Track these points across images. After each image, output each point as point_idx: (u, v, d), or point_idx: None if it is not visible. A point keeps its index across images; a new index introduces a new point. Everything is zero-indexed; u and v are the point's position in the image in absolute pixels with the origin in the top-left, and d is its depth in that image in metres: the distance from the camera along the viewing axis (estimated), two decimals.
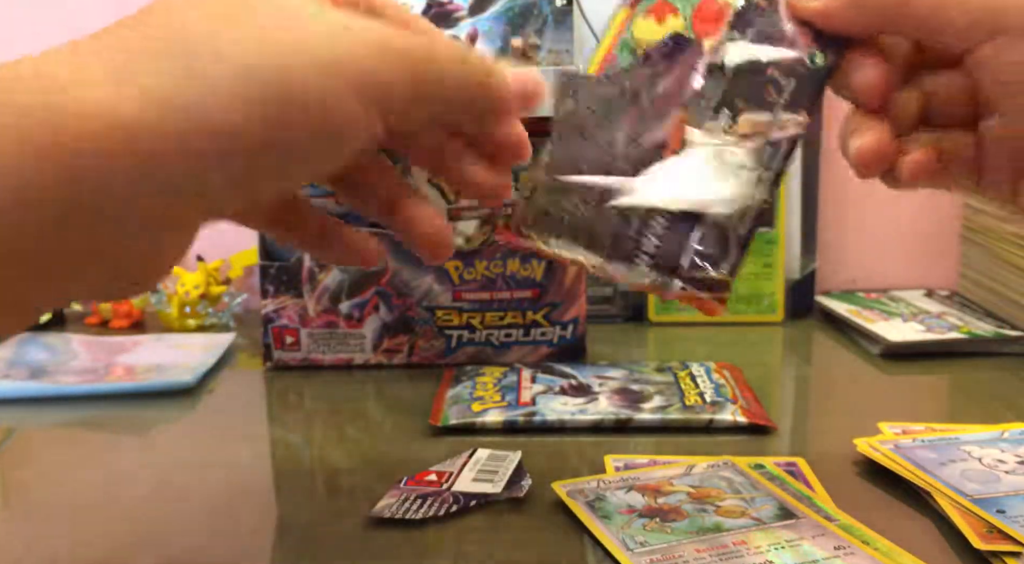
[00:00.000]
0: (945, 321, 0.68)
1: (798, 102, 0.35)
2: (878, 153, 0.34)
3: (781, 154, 0.35)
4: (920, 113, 0.35)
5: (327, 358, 0.62)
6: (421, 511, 0.40)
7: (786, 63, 0.35)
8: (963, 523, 0.38)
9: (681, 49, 0.36)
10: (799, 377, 0.65)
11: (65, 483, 0.46)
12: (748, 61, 0.36)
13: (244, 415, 0.56)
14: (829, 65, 0.35)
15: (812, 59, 0.35)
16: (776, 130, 0.35)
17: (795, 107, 0.35)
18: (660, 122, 0.36)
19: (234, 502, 0.43)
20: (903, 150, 0.34)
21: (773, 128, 0.35)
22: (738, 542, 0.37)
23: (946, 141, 0.35)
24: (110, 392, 0.57)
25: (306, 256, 0.60)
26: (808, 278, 0.75)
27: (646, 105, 0.36)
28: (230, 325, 0.73)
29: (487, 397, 0.53)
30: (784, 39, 0.35)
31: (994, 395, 0.56)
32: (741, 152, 0.35)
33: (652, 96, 0.36)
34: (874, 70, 0.34)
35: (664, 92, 0.36)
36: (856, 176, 0.35)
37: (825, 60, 0.35)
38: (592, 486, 0.42)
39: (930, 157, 0.34)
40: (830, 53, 0.35)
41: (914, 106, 0.35)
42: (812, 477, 0.43)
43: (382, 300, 0.61)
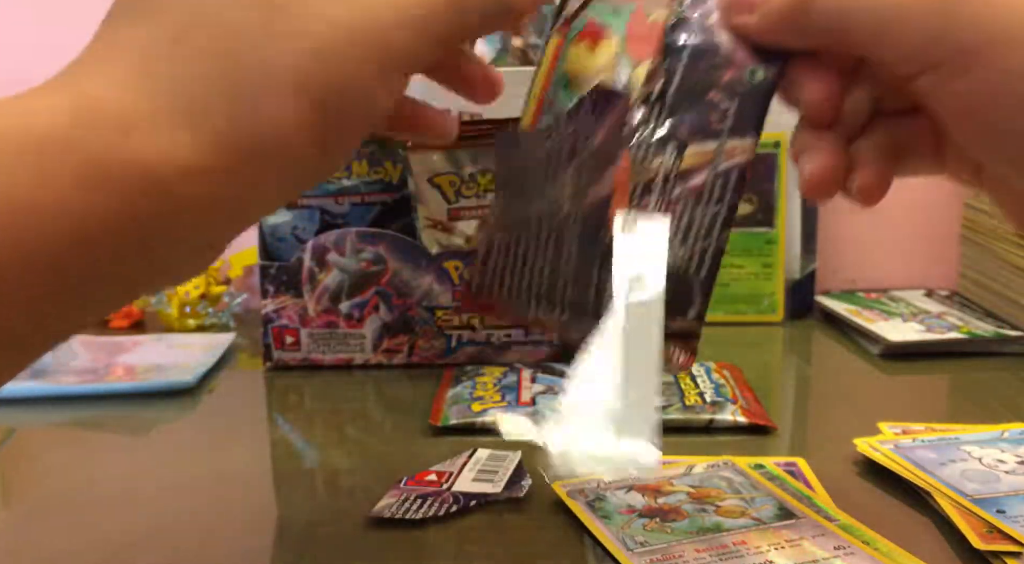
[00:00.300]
0: (945, 321, 0.68)
1: (744, 125, 0.33)
2: (829, 178, 0.32)
3: (732, 185, 0.33)
4: (872, 110, 0.33)
5: (327, 358, 0.62)
6: (421, 511, 0.40)
7: (725, 83, 0.33)
8: (963, 523, 0.38)
9: (607, 102, 0.34)
10: (799, 377, 0.65)
11: (65, 483, 0.46)
12: (687, 87, 0.33)
13: (244, 415, 0.56)
14: (771, 79, 0.32)
15: (752, 75, 0.33)
16: (724, 159, 0.33)
17: (741, 131, 0.33)
18: (602, 175, 0.34)
19: (234, 502, 0.43)
20: (856, 165, 0.33)
21: (720, 157, 0.33)
22: (738, 542, 0.37)
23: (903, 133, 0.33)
24: (110, 392, 0.57)
25: (306, 256, 0.60)
26: (808, 278, 0.75)
27: (585, 158, 0.34)
28: (230, 325, 0.73)
29: (487, 397, 0.53)
30: (720, 55, 0.33)
31: (994, 395, 0.56)
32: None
33: (589, 149, 0.34)
34: (820, 84, 0.32)
35: (600, 146, 0.34)
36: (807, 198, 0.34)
37: (766, 74, 0.32)
38: (592, 486, 0.42)
39: (881, 175, 0.32)
40: (771, 66, 0.32)
41: (865, 106, 0.33)
42: (812, 477, 0.43)
43: (382, 300, 0.61)
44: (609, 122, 0.34)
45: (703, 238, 0.33)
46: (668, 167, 0.33)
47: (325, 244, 0.60)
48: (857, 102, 0.33)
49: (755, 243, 0.73)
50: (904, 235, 0.81)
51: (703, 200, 0.33)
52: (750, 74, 0.33)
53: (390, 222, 0.62)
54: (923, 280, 0.80)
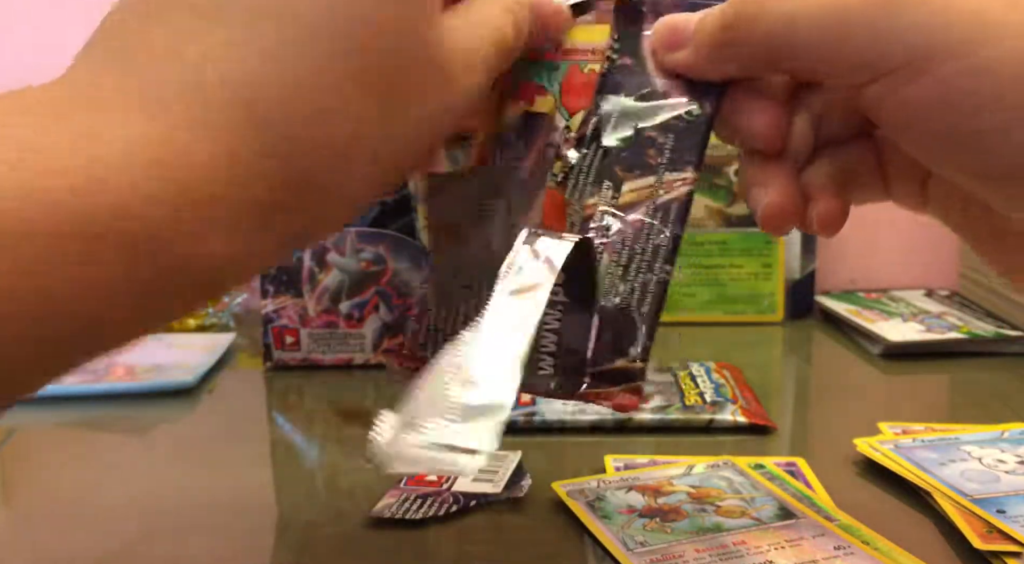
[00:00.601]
0: (945, 321, 0.68)
1: (682, 159, 0.32)
2: (786, 212, 0.32)
3: (673, 218, 0.32)
4: (815, 138, 0.33)
5: (327, 358, 0.62)
6: (421, 511, 0.40)
7: (661, 120, 0.33)
8: (963, 523, 0.38)
9: (533, 126, 0.34)
10: (799, 377, 0.65)
11: (65, 483, 0.46)
12: (622, 126, 0.33)
13: (244, 415, 0.56)
14: (709, 114, 0.32)
15: (689, 113, 0.32)
16: (664, 193, 0.32)
17: (679, 164, 0.32)
18: (532, 204, 0.33)
19: (234, 502, 0.43)
20: (811, 195, 0.32)
21: (659, 191, 0.32)
22: (738, 542, 0.37)
23: (848, 160, 0.33)
24: (110, 392, 0.57)
25: (306, 256, 0.60)
26: (808, 278, 0.75)
27: (514, 194, 0.33)
28: (230, 325, 0.73)
29: None
30: (656, 95, 0.33)
31: (994, 395, 0.56)
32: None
33: (516, 181, 0.34)
34: (764, 112, 0.32)
35: (529, 174, 0.34)
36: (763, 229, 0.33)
37: (703, 110, 0.32)
38: (592, 486, 0.42)
39: (839, 204, 0.32)
40: (707, 102, 0.32)
41: (809, 134, 0.33)
42: (812, 477, 0.43)
43: (382, 300, 0.61)
44: (536, 147, 0.34)
45: (645, 271, 0.32)
46: (607, 203, 0.33)
47: (325, 244, 0.60)
48: (800, 129, 0.33)
49: (755, 243, 0.73)
50: (904, 235, 0.81)
51: (643, 233, 0.32)
52: (687, 111, 0.32)
53: (390, 222, 0.62)
54: (923, 280, 0.80)
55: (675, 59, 0.32)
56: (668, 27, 0.33)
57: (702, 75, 0.32)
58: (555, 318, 0.32)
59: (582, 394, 0.32)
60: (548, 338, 0.32)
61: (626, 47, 0.34)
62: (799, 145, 0.33)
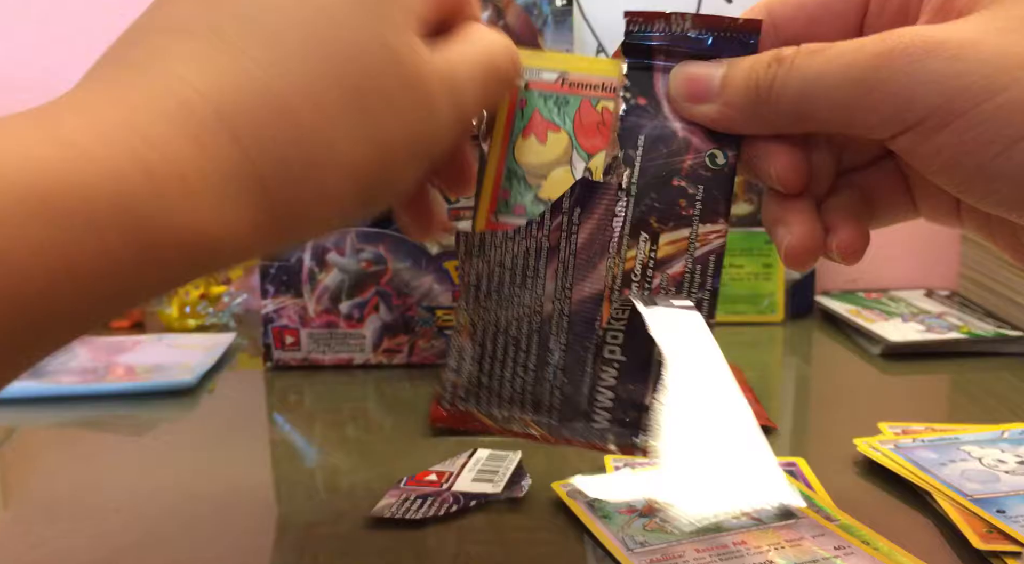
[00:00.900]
0: (945, 321, 0.68)
1: (714, 210, 0.33)
2: (809, 250, 0.32)
3: (711, 271, 0.33)
4: (836, 169, 0.34)
5: (327, 358, 0.62)
6: (421, 511, 0.40)
7: (688, 169, 0.33)
8: (963, 523, 0.38)
9: (592, 195, 0.33)
10: (799, 377, 0.65)
11: (65, 483, 0.46)
12: (649, 176, 0.33)
13: (244, 415, 0.56)
14: (732, 162, 0.32)
15: (713, 160, 0.32)
16: (699, 246, 0.33)
17: (712, 216, 0.33)
18: (592, 271, 0.33)
19: (234, 502, 0.43)
20: (831, 227, 0.32)
21: (695, 244, 0.33)
22: (738, 542, 0.37)
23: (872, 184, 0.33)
24: (110, 392, 0.57)
25: (306, 256, 0.60)
26: (808, 278, 0.75)
27: (567, 257, 0.33)
28: (230, 325, 0.73)
29: None
30: (677, 140, 0.33)
31: (994, 395, 0.56)
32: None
33: (573, 247, 0.33)
34: (785, 156, 0.32)
35: (587, 240, 0.33)
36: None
37: (726, 158, 0.32)
38: None
39: (858, 233, 0.32)
40: (729, 149, 0.32)
41: (830, 168, 0.33)
42: (812, 477, 0.43)
43: (382, 300, 0.61)
44: (596, 215, 0.33)
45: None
46: (644, 257, 0.33)
47: (325, 244, 0.60)
48: (821, 165, 0.33)
49: (755, 243, 0.73)
50: (904, 235, 0.81)
51: (685, 287, 0.33)
52: (710, 159, 0.32)
53: (390, 222, 0.62)
54: (923, 280, 0.80)
55: (701, 113, 0.32)
56: (689, 79, 0.32)
57: (728, 130, 0.32)
58: (612, 376, 0.33)
59: (640, 447, 0.33)
60: (605, 395, 0.33)
61: (638, 86, 0.33)
62: (820, 177, 0.33)
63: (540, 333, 0.34)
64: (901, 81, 0.28)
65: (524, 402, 0.34)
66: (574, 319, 0.33)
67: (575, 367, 0.34)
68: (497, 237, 0.34)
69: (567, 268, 0.33)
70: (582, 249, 0.33)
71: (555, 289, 0.33)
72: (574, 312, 0.33)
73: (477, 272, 0.34)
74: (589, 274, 0.33)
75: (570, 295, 0.33)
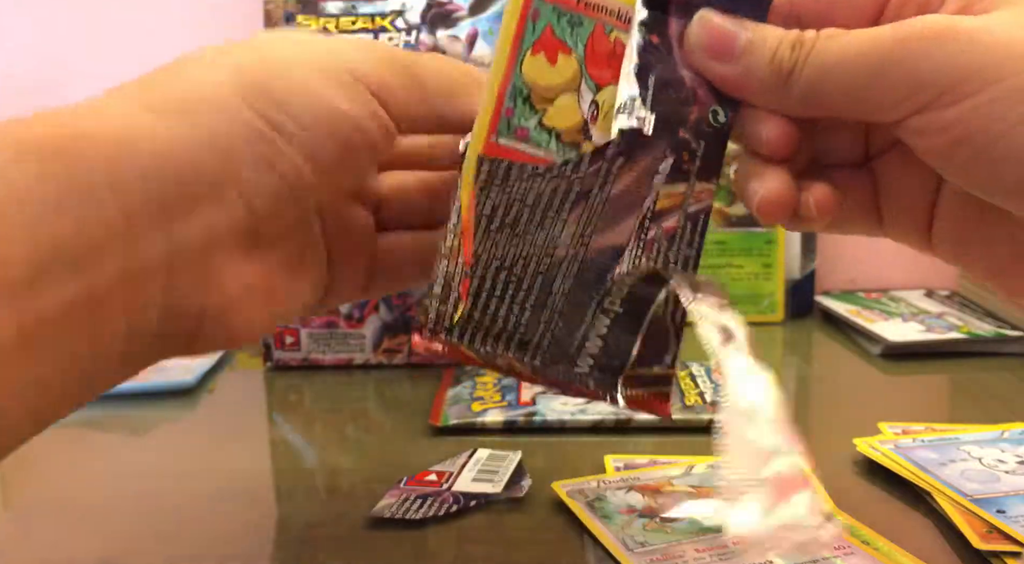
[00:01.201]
0: (945, 321, 0.68)
1: (709, 169, 0.32)
2: (782, 202, 0.32)
3: (700, 229, 0.32)
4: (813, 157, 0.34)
5: (327, 358, 0.62)
6: (421, 511, 0.40)
7: (693, 123, 0.32)
8: (963, 523, 0.38)
9: (641, 149, 0.32)
10: (799, 377, 0.65)
11: (65, 483, 0.46)
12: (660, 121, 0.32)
13: (244, 415, 0.56)
14: (729, 123, 0.32)
15: (714, 116, 0.32)
16: (692, 202, 0.32)
17: (707, 174, 0.32)
18: (615, 226, 0.32)
19: (234, 502, 0.43)
20: (804, 187, 0.32)
21: (690, 200, 0.32)
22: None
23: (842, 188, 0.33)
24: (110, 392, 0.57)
25: None
26: (808, 278, 0.75)
27: (597, 205, 0.32)
28: None
29: (487, 397, 0.53)
30: (685, 89, 0.32)
31: (994, 395, 0.56)
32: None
33: (605, 196, 0.32)
34: (777, 126, 0.31)
35: (621, 193, 0.32)
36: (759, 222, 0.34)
37: (726, 117, 0.32)
38: (592, 486, 0.42)
39: (832, 192, 0.32)
40: (729, 108, 0.32)
41: (809, 152, 0.33)
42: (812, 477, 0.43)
43: (382, 300, 0.61)
44: (638, 169, 0.32)
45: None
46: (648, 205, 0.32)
47: None
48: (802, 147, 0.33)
49: (755, 243, 0.73)
50: None
51: (676, 242, 0.33)
52: (712, 115, 0.32)
53: None
54: (923, 280, 0.80)
55: (718, 71, 0.31)
56: (712, 32, 0.31)
57: (737, 96, 0.32)
58: (604, 325, 0.33)
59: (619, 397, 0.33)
60: (594, 342, 0.33)
61: (653, 24, 0.32)
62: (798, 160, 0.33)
63: (546, 276, 0.33)
64: (917, 63, 0.28)
65: (511, 341, 0.33)
66: (586, 267, 0.33)
67: (574, 314, 0.33)
68: (526, 170, 0.32)
69: (592, 216, 0.32)
70: (614, 200, 0.32)
71: (573, 234, 0.32)
72: (589, 260, 0.32)
73: (494, 203, 0.32)
74: (615, 226, 0.32)
75: (588, 243, 0.32)
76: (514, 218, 0.32)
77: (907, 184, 0.33)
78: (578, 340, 0.33)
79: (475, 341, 0.33)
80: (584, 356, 0.33)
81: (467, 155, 0.32)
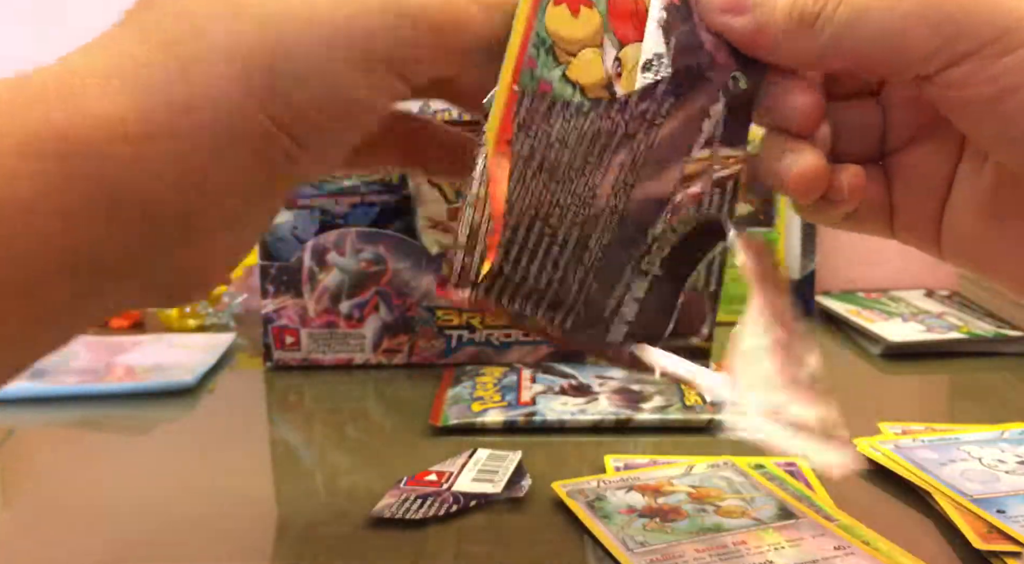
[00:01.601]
0: (945, 321, 0.68)
1: (734, 135, 0.31)
2: (817, 176, 0.31)
3: (729, 196, 0.31)
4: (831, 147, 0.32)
5: (327, 358, 0.62)
6: (421, 511, 0.40)
7: (712, 90, 0.31)
8: (963, 523, 0.38)
9: (691, 86, 0.31)
10: None
11: (65, 483, 0.46)
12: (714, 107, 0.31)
13: (244, 415, 0.56)
14: (752, 90, 0.31)
15: (736, 82, 0.31)
16: (720, 168, 0.31)
17: (732, 141, 0.31)
18: (659, 175, 0.31)
19: (234, 502, 0.43)
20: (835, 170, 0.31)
21: (715, 166, 0.31)
22: (738, 542, 0.37)
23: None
24: (110, 392, 0.57)
25: (306, 255, 0.60)
26: (808, 278, 0.75)
27: (641, 150, 0.31)
28: (230, 325, 0.73)
29: (487, 397, 0.53)
30: (704, 52, 0.30)
31: (994, 395, 0.56)
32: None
33: (652, 140, 0.31)
34: (808, 96, 0.30)
35: (668, 137, 0.31)
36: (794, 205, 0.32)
37: (748, 84, 0.31)
38: (592, 486, 0.42)
39: (864, 176, 0.31)
40: (752, 76, 0.31)
41: (829, 139, 0.32)
42: (812, 477, 0.43)
43: (382, 300, 0.61)
44: (688, 111, 0.31)
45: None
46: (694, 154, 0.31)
47: (325, 244, 0.60)
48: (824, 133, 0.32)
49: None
50: None
51: (703, 209, 0.31)
52: (733, 80, 0.31)
53: (390, 222, 0.62)
54: (923, 280, 0.80)
55: (729, 24, 0.30)
56: None
57: (755, 53, 0.30)
58: (642, 289, 0.31)
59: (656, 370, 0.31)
60: (630, 307, 0.31)
61: None
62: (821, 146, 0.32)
63: (583, 228, 0.31)
64: (964, 4, 0.27)
65: (542, 300, 0.31)
66: (627, 220, 0.31)
67: (610, 273, 0.31)
68: (570, 108, 0.30)
69: (636, 161, 0.31)
70: (660, 144, 0.31)
71: (615, 182, 0.31)
72: (629, 211, 0.31)
73: (533, 143, 0.30)
74: (660, 174, 0.31)
75: (630, 192, 0.31)
76: (553, 161, 0.30)
77: (920, 182, 0.33)
78: (613, 304, 0.31)
79: (503, 298, 0.31)
80: (619, 323, 0.31)
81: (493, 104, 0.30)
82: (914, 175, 0.33)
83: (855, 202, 0.31)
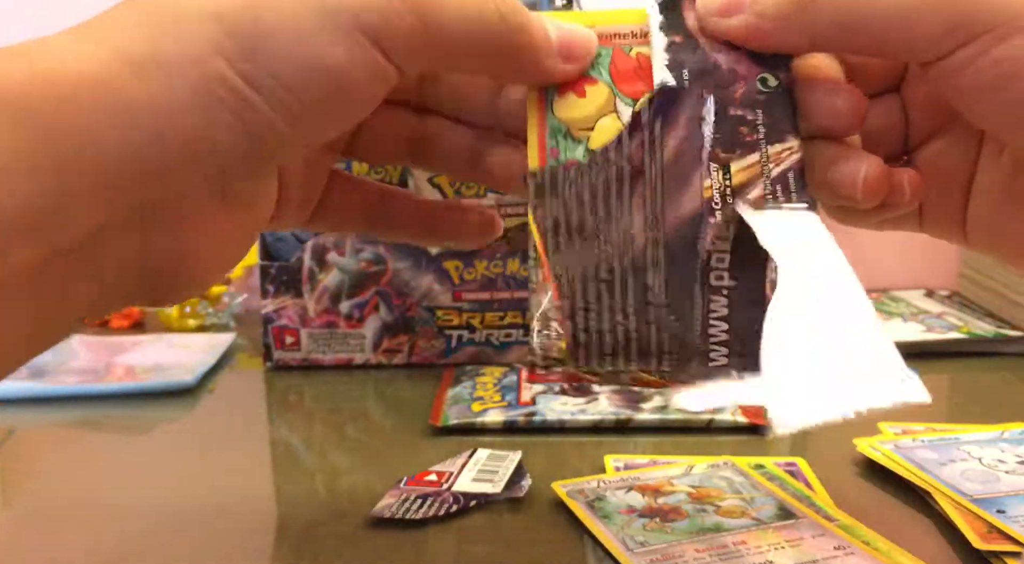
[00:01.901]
0: (945, 321, 0.68)
1: (780, 129, 0.30)
2: (884, 179, 0.30)
3: (794, 187, 0.30)
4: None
5: (327, 358, 0.62)
6: (421, 511, 0.40)
7: (741, 98, 0.30)
8: (963, 523, 0.38)
9: (672, 104, 0.31)
10: None
11: (65, 483, 0.46)
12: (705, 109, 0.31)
13: (244, 415, 0.56)
14: (785, 83, 0.30)
15: (765, 83, 0.30)
16: (772, 167, 0.30)
17: (779, 136, 0.30)
18: (682, 191, 0.30)
19: (234, 502, 0.43)
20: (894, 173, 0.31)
21: (768, 166, 0.30)
22: (738, 542, 0.37)
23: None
24: (110, 392, 0.57)
25: (306, 256, 0.60)
26: None
27: (654, 177, 0.31)
28: (230, 325, 0.73)
29: (487, 397, 0.53)
30: (721, 72, 0.31)
31: (994, 395, 0.56)
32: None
33: (660, 164, 0.31)
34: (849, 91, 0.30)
35: (674, 154, 0.31)
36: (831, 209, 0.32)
37: (779, 79, 0.30)
38: (592, 486, 0.42)
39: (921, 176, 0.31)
40: (779, 70, 0.30)
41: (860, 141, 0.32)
42: (812, 477, 0.43)
43: (382, 300, 0.61)
44: (682, 122, 0.31)
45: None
46: (720, 185, 0.30)
47: (325, 244, 0.60)
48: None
49: None
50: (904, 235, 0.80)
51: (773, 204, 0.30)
52: (761, 82, 0.31)
53: None
54: (923, 280, 0.80)
55: (729, 26, 0.30)
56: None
57: (760, 46, 0.30)
58: (723, 305, 0.31)
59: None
60: (718, 327, 0.31)
61: (670, 26, 0.31)
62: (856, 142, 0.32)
63: (635, 271, 0.30)
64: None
65: (629, 352, 0.31)
66: (672, 246, 0.30)
67: (681, 300, 0.30)
68: (570, 172, 0.31)
69: (656, 190, 0.30)
70: (671, 164, 0.31)
71: (645, 218, 0.30)
72: (670, 238, 0.30)
73: (553, 215, 0.31)
74: (683, 191, 0.30)
75: (663, 220, 0.30)
76: (579, 223, 0.31)
77: (944, 175, 0.32)
78: (698, 331, 0.31)
79: (592, 363, 0.31)
80: (714, 347, 0.31)
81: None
82: (938, 169, 0.33)
83: (915, 203, 0.31)
